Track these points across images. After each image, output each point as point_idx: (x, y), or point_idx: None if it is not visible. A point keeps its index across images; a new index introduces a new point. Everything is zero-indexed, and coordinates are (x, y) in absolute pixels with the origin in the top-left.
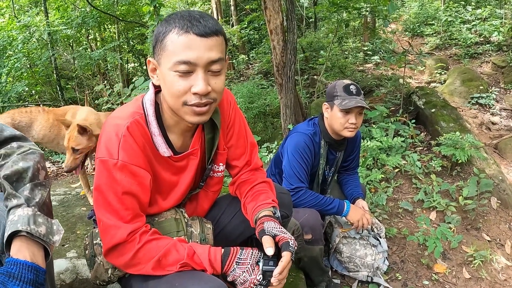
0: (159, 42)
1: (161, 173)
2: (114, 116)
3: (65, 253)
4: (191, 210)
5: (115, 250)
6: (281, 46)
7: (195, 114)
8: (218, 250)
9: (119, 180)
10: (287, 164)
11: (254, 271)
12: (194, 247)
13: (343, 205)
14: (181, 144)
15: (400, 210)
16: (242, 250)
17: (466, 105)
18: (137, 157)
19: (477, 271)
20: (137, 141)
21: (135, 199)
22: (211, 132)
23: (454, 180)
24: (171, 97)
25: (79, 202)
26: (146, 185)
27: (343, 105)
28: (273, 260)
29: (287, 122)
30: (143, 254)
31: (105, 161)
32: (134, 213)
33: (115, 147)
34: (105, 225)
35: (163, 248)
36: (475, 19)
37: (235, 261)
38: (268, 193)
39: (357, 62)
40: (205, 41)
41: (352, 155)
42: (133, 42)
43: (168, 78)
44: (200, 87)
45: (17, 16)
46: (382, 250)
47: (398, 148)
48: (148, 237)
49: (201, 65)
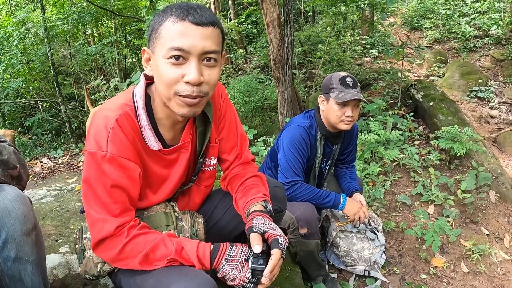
0: (155, 30)
1: (151, 167)
2: (104, 108)
3: (58, 248)
4: (183, 204)
5: (102, 244)
6: (278, 40)
7: (186, 105)
8: (207, 246)
9: (108, 173)
10: (283, 157)
11: (243, 268)
12: (182, 242)
13: (339, 198)
14: (171, 137)
15: (398, 203)
16: (232, 247)
17: (465, 99)
18: (126, 149)
19: (475, 265)
20: (127, 133)
21: (124, 193)
22: (202, 125)
23: (453, 173)
24: (163, 86)
25: (73, 197)
26: (136, 179)
27: (339, 98)
28: (262, 258)
29: (285, 116)
30: (130, 249)
31: (93, 153)
32: (123, 207)
33: (104, 139)
34: (93, 218)
35: (151, 243)
36: (474, 13)
37: (224, 257)
38: (259, 187)
39: (355, 55)
40: (201, 30)
41: (349, 148)
42: (130, 37)
43: (161, 66)
44: (192, 76)
45: (14, 12)
46: (379, 244)
47: (396, 142)
48: (136, 231)
49: (195, 53)
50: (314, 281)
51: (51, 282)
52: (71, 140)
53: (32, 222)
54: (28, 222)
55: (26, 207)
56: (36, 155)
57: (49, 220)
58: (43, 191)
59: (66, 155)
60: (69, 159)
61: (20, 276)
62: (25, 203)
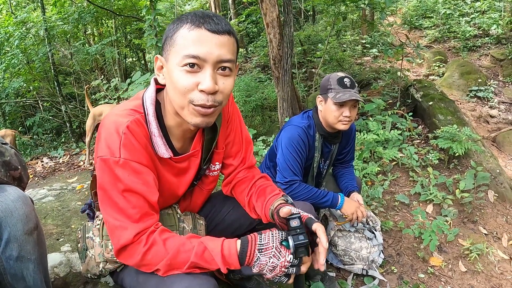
0: (169, 38)
1: (164, 174)
2: (113, 113)
3: (60, 247)
4: (184, 206)
5: (124, 251)
6: (278, 39)
7: (200, 114)
8: (233, 242)
9: (122, 178)
10: (281, 157)
11: (281, 252)
12: (205, 242)
13: (337, 198)
14: (181, 146)
15: (397, 203)
16: (261, 235)
17: (464, 98)
18: (139, 154)
19: (473, 264)
20: (138, 139)
21: (141, 197)
22: (210, 132)
23: (451, 173)
24: (177, 94)
25: (74, 197)
26: (151, 183)
27: (336, 98)
28: (302, 233)
29: (284, 116)
30: (151, 257)
31: (106, 160)
32: (142, 212)
33: (116, 145)
34: (111, 226)
35: (172, 250)
36: (474, 12)
37: (256, 249)
38: (272, 186)
39: (355, 55)
40: (217, 38)
41: (347, 147)
42: (130, 37)
43: (174, 74)
44: (207, 84)
45: (15, 12)
46: (377, 243)
47: (395, 141)
48: (154, 237)
49: (211, 61)
50: (312, 280)
51: (52, 280)
52: (71, 140)
53: (34, 221)
54: (30, 222)
55: (28, 207)
56: (37, 155)
57: (51, 220)
58: (44, 191)
59: (66, 154)
60: (69, 159)
61: (22, 274)
62: (27, 203)
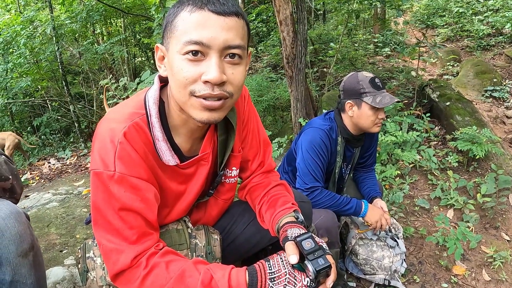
0: (169, 23)
1: (167, 184)
2: (109, 118)
3: (63, 259)
4: (197, 218)
5: (121, 277)
6: (291, 38)
7: (205, 108)
8: (242, 272)
9: (118, 195)
10: (302, 161)
11: (296, 278)
12: (212, 270)
13: (361, 205)
14: (189, 148)
15: (417, 208)
16: (269, 261)
17: (479, 98)
18: (137, 167)
19: (497, 273)
20: (137, 148)
21: (139, 216)
22: (224, 133)
23: (471, 176)
24: (177, 87)
25: (80, 203)
26: (151, 200)
27: (378, 103)
28: (320, 256)
29: (298, 116)
30: (151, 281)
31: (99, 174)
32: (140, 232)
33: (110, 157)
34: (105, 249)
35: (174, 274)
36: (487, 10)
37: (267, 278)
38: (286, 196)
39: (367, 54)
40: (222, 20)
41: (369, 151)
42: (139, 36)
43: (176, 63)
44: (212, 74)
45: (23, 11)
46: (400, 252)
47: (413, 143)
48: (156, 259)
49: (216, 48)
50: None
51: None
52: (80, 140)
53: (29, 241)
54: (24, 242)
55: (21, 226)
56: (44, 155)
57: (54, 228)
58: (49, 195)
59: (74, 155)
60: (77, 160)
61: None
62: (20, 221)
